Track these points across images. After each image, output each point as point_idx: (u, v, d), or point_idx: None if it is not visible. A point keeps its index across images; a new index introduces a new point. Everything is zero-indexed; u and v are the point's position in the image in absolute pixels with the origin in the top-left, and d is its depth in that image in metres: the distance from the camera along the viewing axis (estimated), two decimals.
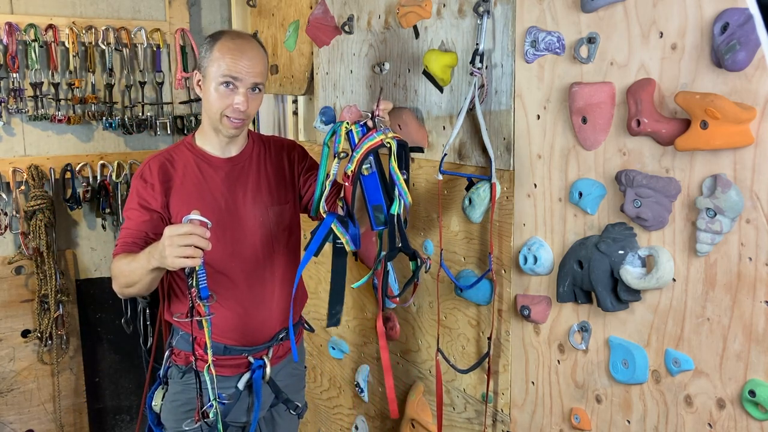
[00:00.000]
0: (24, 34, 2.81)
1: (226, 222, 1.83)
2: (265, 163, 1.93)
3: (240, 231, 1.85)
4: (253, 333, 1.88)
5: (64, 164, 2.96)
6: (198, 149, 1.88)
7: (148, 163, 1.85)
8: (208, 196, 1.83)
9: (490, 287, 1.74)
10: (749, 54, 1.12)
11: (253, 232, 1.87)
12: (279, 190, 1.93)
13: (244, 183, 1.88)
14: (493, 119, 1.70)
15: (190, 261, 1.48)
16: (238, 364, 1.88)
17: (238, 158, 1.90)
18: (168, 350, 1.94)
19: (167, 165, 1.84)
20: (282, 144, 2.01)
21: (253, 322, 1.87)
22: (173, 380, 1.89)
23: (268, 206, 1.90)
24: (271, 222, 1.90)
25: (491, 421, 1.81)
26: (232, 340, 1.86)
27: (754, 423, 1.20)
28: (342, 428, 2.60)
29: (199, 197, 1.82)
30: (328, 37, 2.37)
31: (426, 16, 1.88)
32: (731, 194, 1.17)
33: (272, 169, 1.94)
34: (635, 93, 1.31)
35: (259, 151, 1.94)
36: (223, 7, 3.36)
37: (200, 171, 1.85)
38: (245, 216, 1.86)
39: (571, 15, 1.45)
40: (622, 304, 1.39)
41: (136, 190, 1.81)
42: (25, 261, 2.94)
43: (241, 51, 1.75)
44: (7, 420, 2.98)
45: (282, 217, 1.93)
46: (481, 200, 1.71)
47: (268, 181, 1.92)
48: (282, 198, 1.93)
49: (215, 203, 1.83)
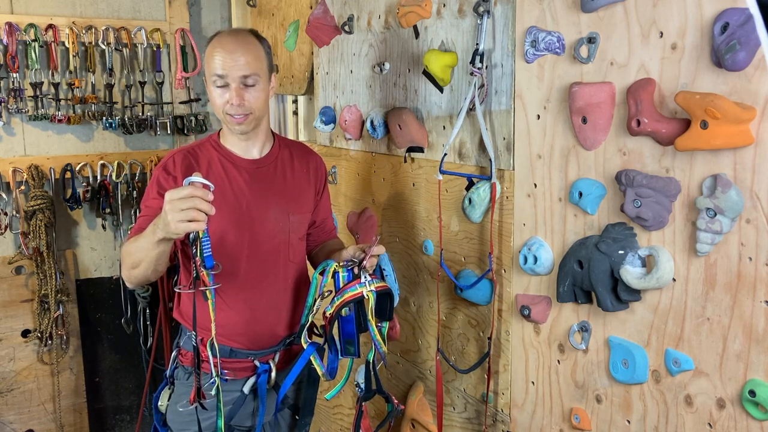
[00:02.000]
0: (24, 34, 2.81)
1: (245, 223, 1.81)
2: (291, 169, 1.91)
3: (258, 234, 1.82)
4: (259, 337, 1.86)
5: (64, 164, 2.96)
6: (223, 148, 1.86)
7: (172, 156, 1.82)
8: (230, 195, 1.80)
9: (490, 287, 1.74)
10: (749, 54, 1.12)
11: (271, 236, 1.85)
12: (301, 199, 1.92)
13: (268, 187, 1.86)
14: (493, 119, 1.70)
15: (194, 225, 1.43)
16: (244, 368, 1.87)
17: (264, 161, 1.87)
18: (175, 350, 1.93)
19: (191, 159, 1.82)
20: (309, 155, 1.99)
21: (260, 326, 1.86)
22: (179, 381, 1.88)
23: (289, 213, 1.87)
24: (290, 229, 1.88)
25: (491, 421, 1.81)
26: (238, 343, 1.84)
27: (754, 423, 1.20)
28: (342, 428, 2.60)
29: (221, 195, 1.76)
30: (328, 37, 2.37)
31: (426, 16, 1.88)
32: (731, 194, 1.17)
33: (296, 177, 1.92)
34: (635, 93, 1.31)
35: (285, 156, 1.92)
36: (223, 7, 3.36)
37: (224, 170, 1.83)
38: (265, 220, 1.83)
39: (571, 15, 1.45)
40: (622, 304, 1.39)
41: (156, 180, 1.78)
42: (25, 261, 2.94)
43: (227, 47, 1.73)
44: (7, 420, 2.98)
45: (301, 225, 1.91)
46: (481, 200, 1.71)
47: (292, 188, 1.90)
48: (303, 207, 1.92)
49: (237, 203, 1.81)
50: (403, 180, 2.08)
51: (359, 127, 2.25)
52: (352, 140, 2.32)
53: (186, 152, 1.84)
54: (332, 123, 2.42)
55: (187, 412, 1.83)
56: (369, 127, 2.13)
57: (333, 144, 2.44)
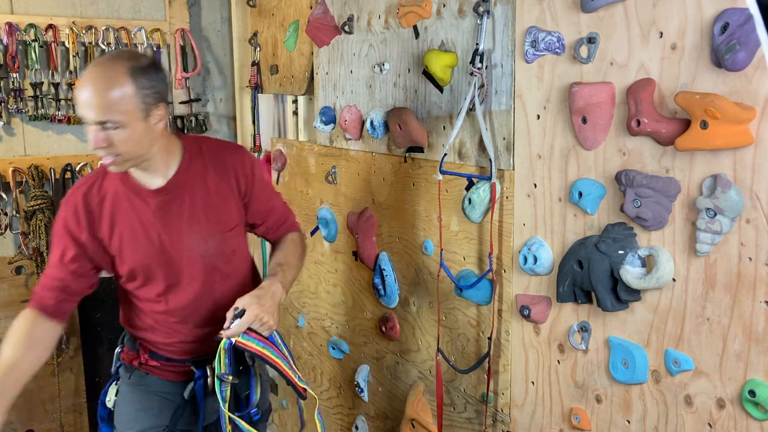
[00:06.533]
0: (24, 34, 2.81)
1: (161, 258, 1.73)
2: (204, 185, 1.76)
3: (178, 265, 1.74)
4: (195, 351, 1.83)
5: (64, 164, 2.96)
6: (128, 178, 1.72)
7: (74, 205, 1.72)
8: (141, 232, 1.72)
9: (490, 287, 1.74)
10: (749, 54, 1.12)
11: (193, 264, 1.75)
12: (222, 215, 1.78)
13: (178, 214, 1.73)
14: (493, 119, 1.70)
15: None
16: (183, 372, 1.85)
17: (169, 187, 1.73)
18: (119, 347, 1.92)
19: (93, 202, 1.71)
20: (226, 157, 1.81)
21: (195, 343, 1.82)
22: (122, 379, 1.88)
23: (207, 236, 1.75)
24: (211, 253, 1.77)
25: (491, 421, 1.81)
26: (174, 354, 1.84)
27: (753, 423, 1.20)
28: (342, 428, 2.60)
29: (131, 233, 1.71)
30: (328, 37, 2.37)
31: (426, 16, 1.88)
32: (731, 194, 1.17)
33: (212, 194, 1.77)
34: (635, 93, 1.31)
35: (197, 171, 1.76)
36: (223, 7, 3.36)
37: (131, 205, 1.71)
38: (182, 250, 1.74)
39: (571, 15, 1.45)
40: (622, 304, 1.39)
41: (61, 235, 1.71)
42: (25, 261, 2.94)
43: (84, 85, 1.57)
44: (7, 420, 2.97)
45: (224, 244, 1.80)
46: (481, 200, 1.71)
47: (207, 207, 1.76)
48: (224, 224, 1.79)
49: (148, 239, 1.72)
50: (403, 180, 2.08)
51: (359, 127, 2.25)
52: (352, 140, 2.32)
53: (87, 192, 1.73)
54: (332, 123, 2.42)
55: (134, 409, 1.84)
56: (369, 127, 2.13)
57: (333, 144, 2.44)
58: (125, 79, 1.56)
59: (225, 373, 1.61)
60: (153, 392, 1.86)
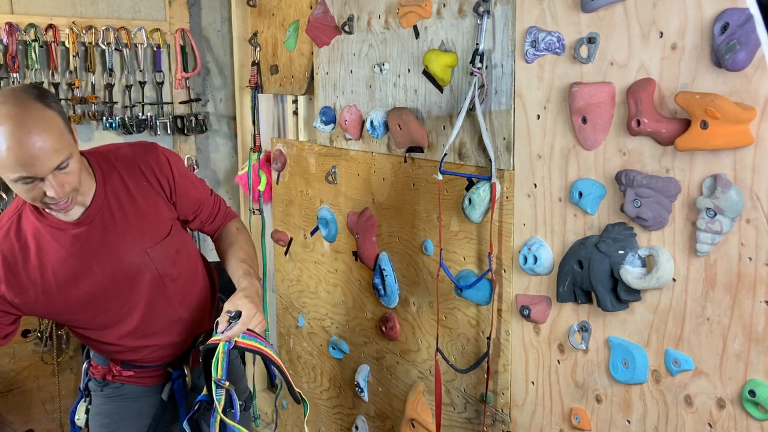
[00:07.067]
0: (24, 34, 2.81)
1: (109, 290, 1.65)
2: (129, 197, 1.66)
3: (122, 284, 1.67)
4: (170, 354, 1.82)
5: None
6: (44, 215, 1.57)
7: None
8: (73, 263, 1.59)
9: (490, 287, 1.74)
10: (749, 54, 1.12)
11: (138, 278, 1.69)
12: (156, 222, 1.71)
13: (107, 237, 1.62)
14: (493, 119, 1.70)
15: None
16: (159, 375, 1.84)
17: (90, 215, 1.60)
18: (86, 362, 1.88)
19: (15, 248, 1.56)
20: (139, 162, 1.69)
21: (168, 348, 1.81)
22: (95, 393, 1.85)
23: (146, 250, 1.68)
24: (155, 262, 1.70)
25: (491, 421, 1.81)
26: (149, 362, 1.82)
27: (754, 423, 1.20)
28: (342, 428, 2.60)
29: (67, 267, 1.59)
30: (328, 37, 2.37)
31: (426, 16, 1.88)
32: (731, 194, 1.17)
33: (139, 204, 1.67)
34: (635, 93, 1.31)
35: (115, 187, 1.64)
36: (223, 7, 3.36)
37: (55, 240, 1.58)
38: (122, 270, 1.66)
39: (571, 15, 1.45)
40: (622, 304, 1.39)
41: None
42: None
43: (18, 142, 1.34)
44: (7, 420, 2.97)
45: (167, 250, 1.73)
46: (481, 200, 1.71)
47: (139, 218, 1.67)
48: (162, 230, 1.72)
49: (85, 267, 1.61)
50: (403, 180, 2.08)
51: (359, 127, 2.25)
52: (352, 140, 2.32)
53: (3, 241, 1.57)
54: (332, 123, 2.42)
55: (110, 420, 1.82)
56: (369, 127, 2.13)
57: (333, 144, 2.44)
58: (45, 110, 1.40)
59: (222, 378, 1.58)
60: (130, 400, 1.84)
